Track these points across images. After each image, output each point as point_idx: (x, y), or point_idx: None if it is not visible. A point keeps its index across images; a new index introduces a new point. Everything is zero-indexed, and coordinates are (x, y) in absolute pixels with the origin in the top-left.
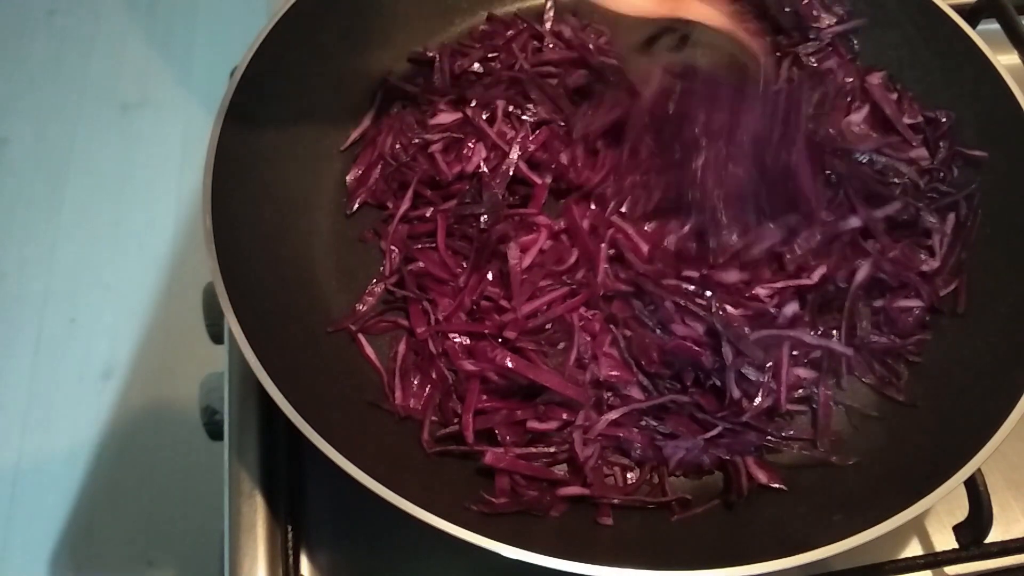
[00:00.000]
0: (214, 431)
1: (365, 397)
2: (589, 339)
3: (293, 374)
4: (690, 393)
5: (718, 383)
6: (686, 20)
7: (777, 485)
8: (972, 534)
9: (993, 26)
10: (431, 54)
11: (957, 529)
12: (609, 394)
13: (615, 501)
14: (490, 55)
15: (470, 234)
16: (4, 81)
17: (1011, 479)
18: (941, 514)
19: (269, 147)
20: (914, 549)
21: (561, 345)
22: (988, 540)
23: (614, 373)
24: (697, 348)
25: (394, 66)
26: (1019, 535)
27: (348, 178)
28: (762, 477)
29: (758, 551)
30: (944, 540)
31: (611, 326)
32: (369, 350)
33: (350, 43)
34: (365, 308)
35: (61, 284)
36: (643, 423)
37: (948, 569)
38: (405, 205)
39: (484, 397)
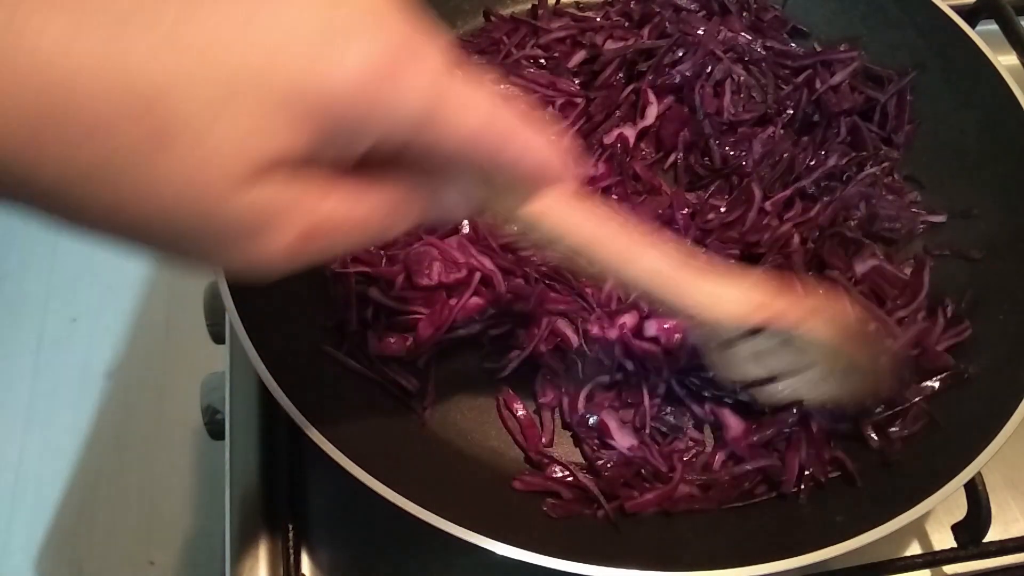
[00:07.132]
0: (215, 431)
1: (366, 395)
2: None
3: (295, 373)
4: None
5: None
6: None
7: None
8: (970, 533)
9: (993, 27)
10: None
11: (955, 528)
12: None
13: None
14: (488, 49)
15: None
16: None
17: (1009, 478)
18: (940, 513)
19: None
20: (912, 548)
21: None
22: (986, 539)
23: None
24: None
25: None
26: (1017, 534)
27: None
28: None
29: (759, 552)
30: (942, 539)
31: None
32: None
33: None
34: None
35: (62, 284)
36: None
37: (946, 568)
38: None
39: None
